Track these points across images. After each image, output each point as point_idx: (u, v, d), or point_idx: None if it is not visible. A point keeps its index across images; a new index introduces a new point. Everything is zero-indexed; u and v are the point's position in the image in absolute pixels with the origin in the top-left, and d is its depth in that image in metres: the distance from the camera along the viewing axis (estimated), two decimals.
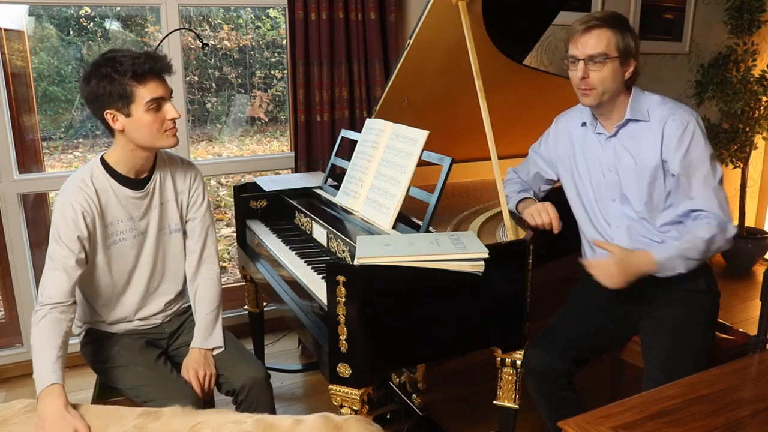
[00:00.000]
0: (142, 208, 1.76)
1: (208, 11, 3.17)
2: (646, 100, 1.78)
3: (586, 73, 1.71)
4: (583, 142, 1.90)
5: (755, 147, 4.08)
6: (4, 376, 2.76)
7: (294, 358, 2.97)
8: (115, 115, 1.61)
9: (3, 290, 2.79)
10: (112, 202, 1.70)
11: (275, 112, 3.56)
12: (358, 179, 2.18)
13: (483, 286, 1.64)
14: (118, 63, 1.57)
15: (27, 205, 2.76)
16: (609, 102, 1.77)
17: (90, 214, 1.66)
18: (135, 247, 1.78)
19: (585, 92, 1.75)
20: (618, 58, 1.70)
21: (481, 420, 2.38)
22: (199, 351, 1.80)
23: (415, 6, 3.12)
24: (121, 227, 1.74)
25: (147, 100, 1.60)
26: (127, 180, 1.73)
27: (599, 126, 1.85)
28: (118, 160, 1.71)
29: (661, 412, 1.25)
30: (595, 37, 1.69)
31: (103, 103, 1.60)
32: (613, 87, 1.73)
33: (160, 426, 1.25)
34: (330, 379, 1.60)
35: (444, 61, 2.22)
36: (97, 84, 1.58)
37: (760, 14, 3.82)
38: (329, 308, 1.54)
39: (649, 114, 1.75)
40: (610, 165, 1.82)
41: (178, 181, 1.84)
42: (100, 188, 1.68)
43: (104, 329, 1.82)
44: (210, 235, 1.91)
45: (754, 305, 3.53)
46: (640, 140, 1.76)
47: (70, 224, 1.63)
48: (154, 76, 1.61)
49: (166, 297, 1.88)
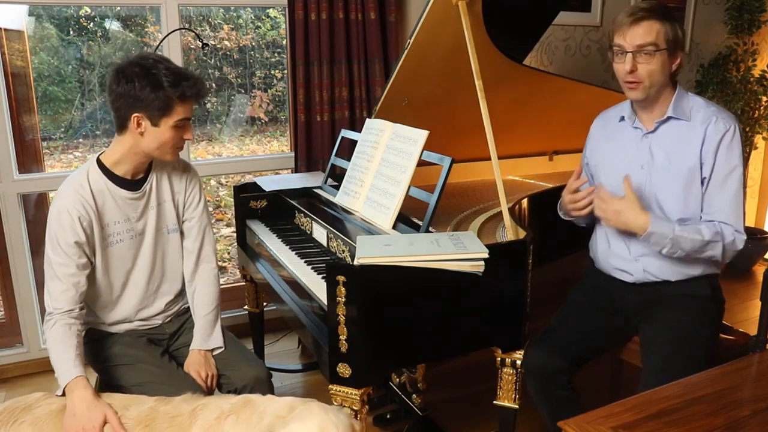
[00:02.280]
0: (138, 209, 1.76)
1: (208, 11, 3.17)
2: (690, 100, 1.75)
3: (635, 66, 1.66)
4: (620, 136, 1.85)
5: (755, 147, 4.08)
6: (4, 376, 2.76)
7: (294, 358, 2.97)
8: (142, 120, 1.62)
9: (3, 290, 2.79)
10: (108, 204, 1.71)
11: (275, 112, 3.56)
12: (358, 179, 2.18)
13: (483, 286, 1.64)
14: (170, 74, 1.60)
15: (27, 205, 2.75)
16: (653, 97, 1.73)
17: (87, 218, 1.65)
18: (132, 248, 1.78)
19: (632, 86, 1.70)
20: (667, 49, 1.65)
21: (481, 420, 2.38)
22: (199, 352, 1.80)
23: (415, 6, 3.12)
24: (117, 228, 1.74)
25: (179, 119, 1.64)
26: (123, 181, 1.72)
27: (637, 121, 1.80)
28: (116, 161, 1.71)
29: (661, 412, 1.25)
30: (645, 28, 1.64)
31: (138, 105, 1.60)
32: (661, 80, 1.69)
33: (170, 408, 1.41)
34: (330, 379, 1.60)
35: (444, 61, 2.22)
36: (141, 87, 1.58)
37: (760, 14, 3.82)
38: (329, 308, 1.54)
39: (691, 114, 1.72)
40: (642, 162, 1.78)
41: (175, 181, 1.85)
42: (96, 190, 1.68)
43: (105, 329, 1.82)
44: (207, 235, 1.91)
45: (754, 305, 3.52)
46: (678, 140, 1.72)
47: (67, 230, 1.62)
48: (195, 99, 1.67)
49: (167, 297, 1.88)
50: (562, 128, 2.83)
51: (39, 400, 1.45)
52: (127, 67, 1.61)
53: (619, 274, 1.89)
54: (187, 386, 1.68)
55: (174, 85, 1.60)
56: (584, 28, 3.60)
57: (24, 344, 2.81)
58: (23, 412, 1.41)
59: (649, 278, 1.83)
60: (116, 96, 1.62)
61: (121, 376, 1.73)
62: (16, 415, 1.40)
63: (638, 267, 1.83)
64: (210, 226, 1.94)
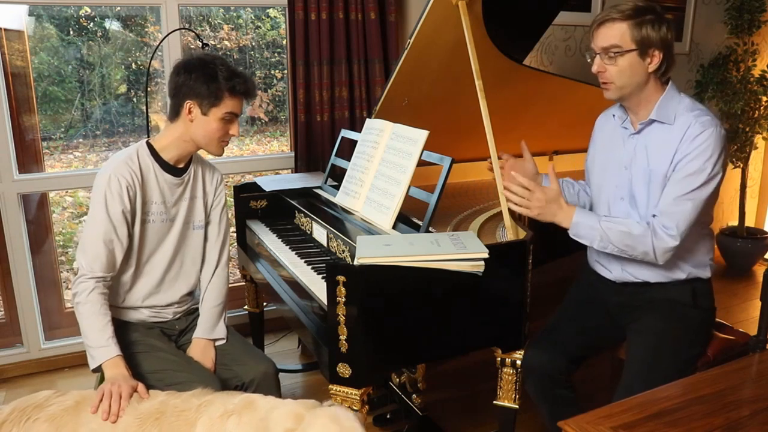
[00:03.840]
0: (176, 195, 1.84)
1: (208, 11, 3.17)
2: (677, 102, 1.69)
3: (602, 67, 1.67)
4: (611, 135, 1.85)
5: (755, 147, 4.08)
6: (4, 376, 2.76)
7: (294, 358, 2.97)
8: (194, 108, 1.73)
9: (3, 290, 2.79)
10: (151, 182, 1.79)
11: (275, 112, 3.56)
12: (358, 179, 2.18)
13: (483, 286, 1.64)
14: (225, 70, 1.72)
15: (27, 205, 2.76)
16: (634, 96, 1.71)
17: (133, 189, 1.73)
18: (160, 232, 1.84)
19: (604, 86, 1.71)
20: (636, 50, 1.63)
21: (481, 420, 2.38)
22: (202, 341, 1.87)
23: (415, 6, 3.12)
24: (155, 208, 1.81)
25: (227, 111, 1.74)
26: (168, 166, 1.82)
27: (627, 121, 1.80)
28: (164, 146, 1.80)
29: (661, 412, 1.25)
30: (608, 30, 1.64)
31: (192, 94, 1.72)
32: (634, 80, 1.66)
33: (179, 402, 1.45)
34: (330, 379, 1.60)
35: (444, 61, 2.22)
36: (197, 78, 1.71)
37: (760, 14, 3.82)
38: (329, 308, 1.55)
39: (675, 118, 1.67)
40: (627, 162, 1.77)
41: (207, 181, 1.94)
42: (144, 166, 1.77)
43: (119, 316, 1.83)
44: (226, 238, 2.00)
45: (754, 305, 3.53)
46: (659, 144, 1.69)
47: (116, 197, 1.70)
48: (243, 96, 1.77)
49: (180, 291, 1.92)
50: (562, 128, 2.83)
51: (50, 398, 1.45)
52: (188, 60, 1.76)
53: (600, 269, 1.90)
54: (202, 375, 1.74)
55: (227, 79, 1.71)
56: (584, 28, 3.59)
57: (24, 344, 2.80)
58: (36, 410, 1.42)
59: (628, 278, 1.81)
60: (175, 85, 1.74)
61: (139, 364, 1.75)
62: (29, 413, 1.41)
63: (617, 266, 1.83)
64: (229, 232, 2.01)
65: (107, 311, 1.67)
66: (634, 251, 1.66)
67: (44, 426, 1.39)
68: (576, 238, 1.72)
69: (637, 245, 1.65)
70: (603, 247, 1.69)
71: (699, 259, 1.78)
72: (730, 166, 4.04)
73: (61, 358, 2.81)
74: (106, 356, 1.60)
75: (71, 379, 2.73)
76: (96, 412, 1.44)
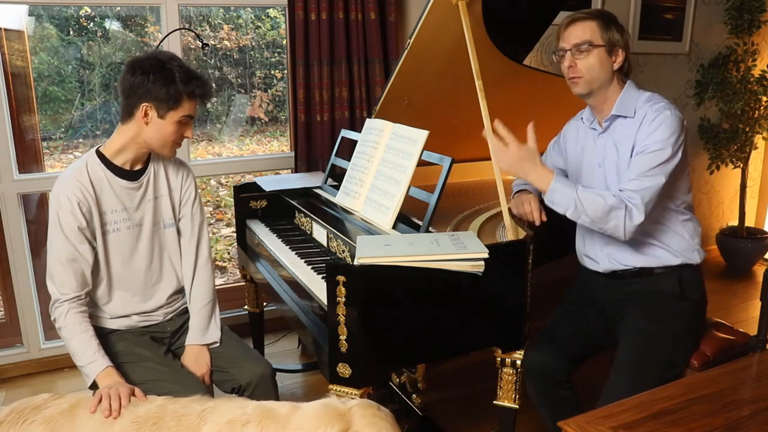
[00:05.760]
0: (136, 199, 1.80)
1: (208, 11, 3.17)
2: (636, 97, 1.78)
3: (573, 62, 1.75)
4: (582, 137, 1.93)
5: (755, 147, 4.08)
6: (4, 376, 2.76)
7: (294, 358, 2.97)
8: (150, 110, 1.68)
9: (3, 290, 2.79)
10: (106, 191, 1.74)
11: (275, 112, 3.56)
12: (358, 179, 2.18)
13: (483, 286, 1.64)
14: (182, 72, 1.68)
15: (27, 205, 2.75)
16: (600, 93, 1.79)
17: (86, 204, 1.69)
18: (130, 239, 1.80)
19: (573, 80, 1.78)
20: (604, 46, 1.73)
21: (481, 420, 2.38)
22: (195, 347, 1.84)
23: (415, 6, 3.12)
24: (115, 217, 1.77)
25: (184, 114, 1.71)
26: (122, 171, 1.77)
27: (594, 122, 1.87)
28: (117, 151, 1.75)
29: (661, 412, 1.25)
30: (580, 28, 1.75)
31: (149, 96, 1.67)
32: (602, 76, 1.75)
33: (178, 408, 1.42)
34: (330, 379, 1.60)
35: (444, 61, 2.22)
36: (155, 80, 1.66)
37: (760, 14, 3.82)
38: (329, 308, 1.54)
39: (635, 111, 1.76)
40: (599, 160, 1.84)
41: (171, 177, 1.88)
42: (95, 178, 1.72)
43: (106, 325, 1.82)
44: (203, 231, 1.95)
45: (754, 305, 3.53)
46: (624, 137, 1.77)
47: (69, 216, 1.66)
48: (200, 99, 1.75)
49: (165, 292, 1.89)
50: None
51: (47, 401, 1.45)
52: (143, 60, 1.70)
53: (589, 262, 1.92)
54: (192, 384, 1.70)
55: (185, 82, 1.67)
56: None
57: (24, 344, 2.80)
58: (33, 412, 1.42)
59: (616, 266, 1.84)
60: (129, 85, 1.68)
61: (125, 374, 1.72)
62: (26, 415, 1.41)
63: (603, 255, 1.86)
64: (205, 224, 1.97)
65: (88, 326, 1.66)
66: (605, 224, 1.68)
67: (40, 428, 1.39)
68: (550, 204, 1.73)
69: (610, 217, 1.66)
70: (576, 217, 1.70)
71: (685, 242, 1.80)
72: (730, 166, 4.04)
73: (61, 358, 2.80)
74: (98, 369, 1.59)
75: (71, 379, 2.73)
76: (95, 411, 1.44)
